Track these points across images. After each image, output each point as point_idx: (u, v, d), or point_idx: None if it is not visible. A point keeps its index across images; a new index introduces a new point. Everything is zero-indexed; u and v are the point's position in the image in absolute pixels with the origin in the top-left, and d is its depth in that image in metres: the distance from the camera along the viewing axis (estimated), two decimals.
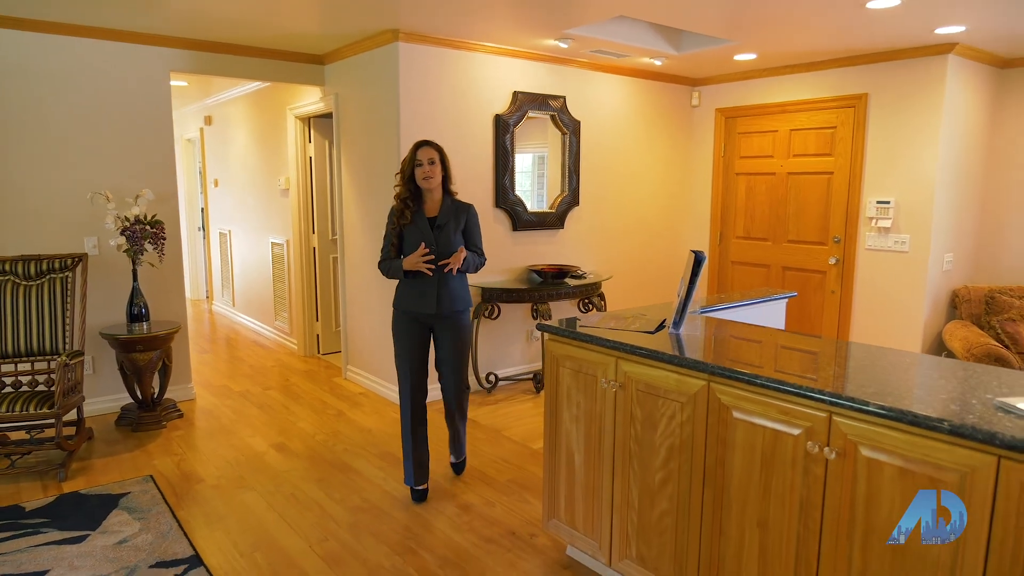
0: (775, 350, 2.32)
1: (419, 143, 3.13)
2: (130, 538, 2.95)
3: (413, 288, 3.15)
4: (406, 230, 3.14)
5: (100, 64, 4.29)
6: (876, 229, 5.05)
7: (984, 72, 4.90)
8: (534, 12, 3.92)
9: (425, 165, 3.08)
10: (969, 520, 1.56)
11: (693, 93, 6.14)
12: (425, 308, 3.15)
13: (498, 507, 3.26)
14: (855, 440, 1.75)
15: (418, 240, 3.10)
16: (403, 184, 3.14)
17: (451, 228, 3.16)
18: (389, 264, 3.19)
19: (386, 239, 3.22)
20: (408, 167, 3.11)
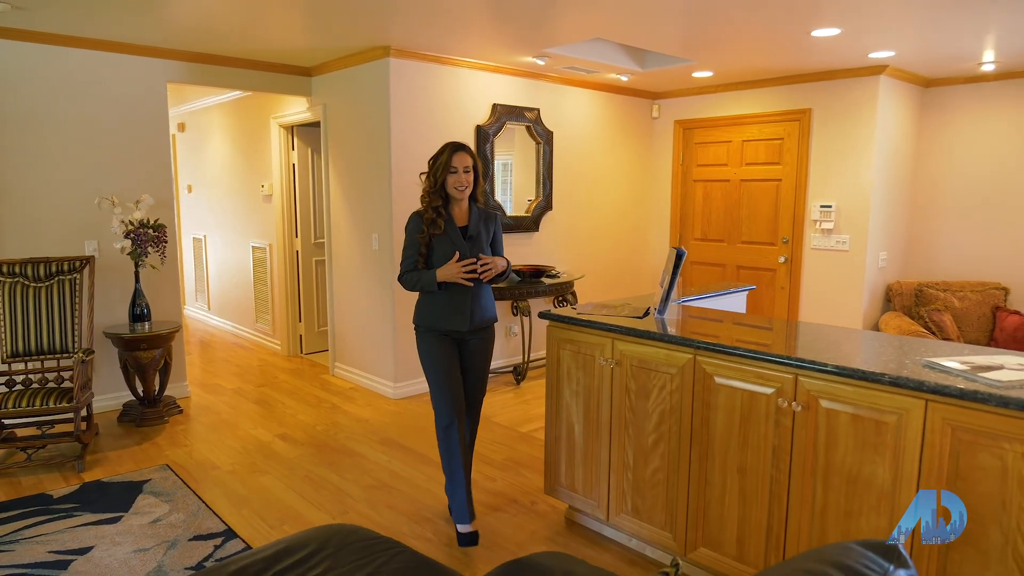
0: (745, 329, 2.75)
1: (454, 146, 2.85)
2: (163, 517, 3.19)
3: (445, 303, 2.88)
4: (436, 240, 2.86)
5: (100, 74, 4.48)
6: (820, 231, 5.60)
7: (911, 91, 5.52)
8: (517, 32, 4.30)
9: (460, 173, 2.83)
10: (905, 450, 2.00)
11: (654, 106, 6.63)
12: (459, 324, 2.90)
13: (498, 481, 3.61)
14: (816, 395, 2.18)
15: (449, 251, 2.85)
16: (432, 191, 2.87)
17: (483, 239, 2.95)
18: (418, 276, 2.88)
19: (410, 249, 2.91)
20: (441, 172, 2.84)
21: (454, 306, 2.89)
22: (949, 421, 1.92)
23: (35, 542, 2.94)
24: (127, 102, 4.61)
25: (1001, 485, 1.86)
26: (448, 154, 2.83)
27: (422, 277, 2.87)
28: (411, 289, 2.93)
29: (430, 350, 2.92)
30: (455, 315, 2.89)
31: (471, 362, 3.00)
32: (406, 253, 2.94)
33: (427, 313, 2.93)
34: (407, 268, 2.93)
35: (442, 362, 2.90)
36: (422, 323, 2.94)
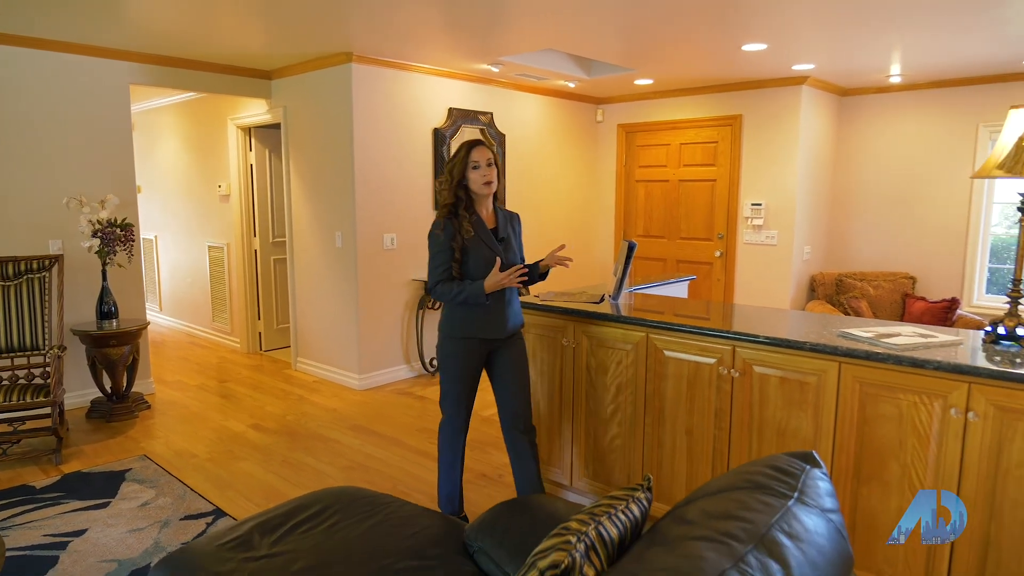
0: (689, 310, 3.12)
1: (471, 143, 2.71)
2: (150, 501, 3.35)
3: (483, 311, 2.74)
4: (470, 244, 2.69)
5: (63, 76, 4.54)
6: (751, 227, 6.10)
7: (829, 99, 6.08)
8: (474, 41, 4.59)
9: (483, 167, 2.68)
10: (823, 404, 2.40)
11: (598, 110, 7.03)
12: (497, 332, 2.78)
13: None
14: (751, 362, 2.57)
15: (485, 255, 2.70)
16: (452, 191, 2.71)
17: (513, 240, 2.85)
18: (460, 288, 2.67)
19: (441, 256, 2.70)
20: (460, 170, 2.69)
21: (491, 313, 2.75)
22: (858, 378, 2.33)
23: (28, 528, 3.07)
24: (90, 104, 4.68)
25: (898, 428, 2.27)
26: (466, 150, 2.69)
27: (466, 289, 2.66)
28: (450, 301, 2.73)
29: (462, 359, 2.79)
30: (492, 322, 2.76)
31: (511, 368, 2.86)
32: (436, 262, 2.71)
33: (464, 323, 2.75)
34: (440, 278, 2.71)
35: (471, 373, 2.82)
36: (459, 333, 2.77)
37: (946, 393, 2.16)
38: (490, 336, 2.79)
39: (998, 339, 2.40)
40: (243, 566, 1.83)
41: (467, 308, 2.74)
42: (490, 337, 2.79)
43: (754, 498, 1.22)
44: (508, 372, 2.86)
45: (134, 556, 2.83)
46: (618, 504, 1.35)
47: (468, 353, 2.79)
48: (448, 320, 2.81)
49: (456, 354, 2.80)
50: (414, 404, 4.92)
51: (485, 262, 2.70)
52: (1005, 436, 2.08)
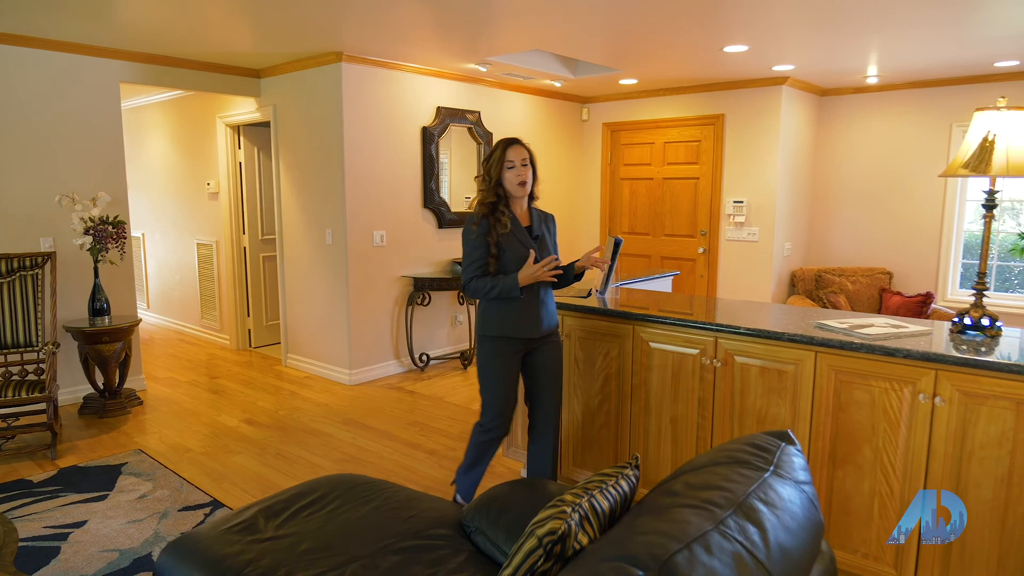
0: (673, 304, 3.24)
1: (507, 141, 2.72)
2: (148, 494, 3.41)
3: (518, 310, 2.71)
4: (505, 240, 2.68)
5: (54, 74, 4.57)
6: (733, 224, 6.24)
7: (809, 99, 6.23)
8: (462, 41, 4.67)
9: (518, 166, 2.69)
10: (800, 391, 2.52)
11: (584, 109, 7.14)
12: (532, 331, 2.76)
13: (458, 450, 4.00)
14: (732, 352, 2.68)
15: (521, 252, 2.69)
16: (492, 190, 2.71)
17: (547, 239, 2.84)
18: (493, 281, 2.66)
19: (476, 253, 2.69)
20: (496, 169, 2.70)
21: (526, 312, 2.73)
22: (833, 367, 2.45)
23: (28, 520, 3.12)
24: (81, 102, 4.71)
25: (871, 413, 2.40)
26: (502, 149, 2.69)
27: (499, 282, 2.65)
28: (483, 297, 2.71)
29: (500, 359, 2.75)
30: (527, 322, 2.73)
31: (545, 369, 2.83)
32: (471, 258, 2.72)
33: (499, 321, 2.73)
34: (475, 274, 2.70)
35: (510, 373, 2.77)
36: (494, 332, 2.74)
37: (915, 380, 2.29)
38: (525, 335, 2.74)
39: (964, 329, 2.53)
40: (250, 547, 1.91)
41: (501, 305, 2.71)
42: (525, 336, 2.74)
43: (734, 471, 1.33)
44: (544, 374, 2.83)
45: (135, 546, 2.89)
46: (608, 480, 1.46)
47: (506, 353, 2.74)
48: (483, 319, 2.78)
49: (493, 354, 2.75)
50: (404, 399, 5.00)
51: (520, 259, 2.67)
52: (969, 420, 2.21)
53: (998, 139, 2.39)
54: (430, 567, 1.80)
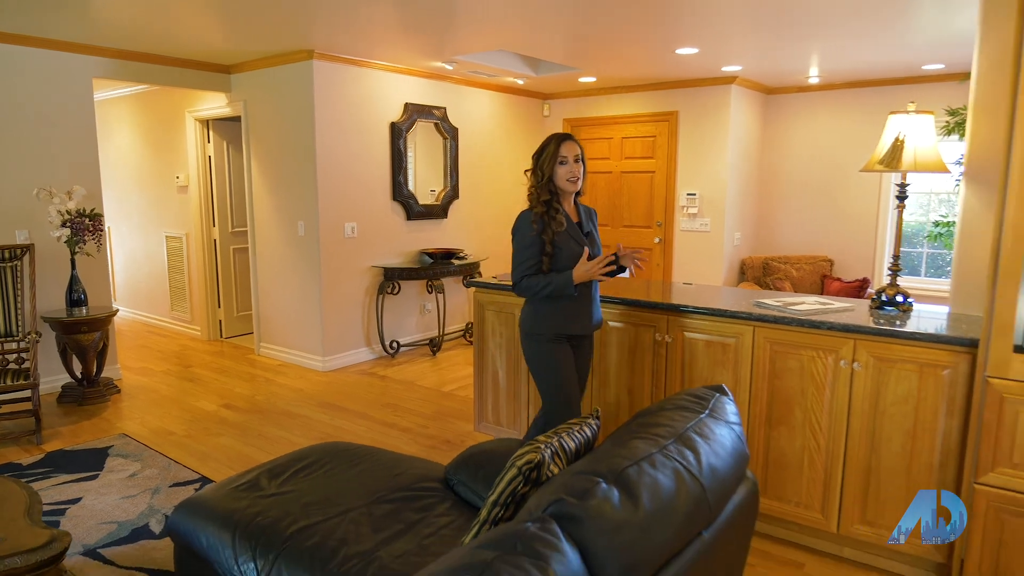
0: (630, 289, 3.54)
1: (560, 137, 2.68)
2: (137, 473, 3.58)
3: (570, 307, 2.69)
4: (559, 239, 2.65)
5: (28, 70, 4.65)
6: (687, 215, 6.60)
7: (756, 97, 6.62)
8: (429, 41, 4.90)
9: (571, 163, 2.65)
10: (740, 361, 2.85)
11: (545, 105, 7.42)
12: (583, 328, 2.76)
13: (431, 428, 4.25)
14: (683, 329, 3.00)
15: (575, 250, 2.66)
16: (543, 186, 2.68)
17: (595, 234, 2.85)
18: (547, 280, 2.62)
19: (529, 251, 2.66)
20: (549, 165, 2.66)
21: (578, 309, 2.72)
22: (768, 339, 2.78)
23: None
24: (54, 97, 4.79)
25: (800, 379, 2.74)
26: (556, 144, 2.66)
27: (553, 281, 2.61)
28: (536, 295, 2.68)
29: (554, 357, 2.70)
30: (579, 318, 2.73)
31: (581, 365, 2.84)
32: (523, 256, 2.68)
33: (550, 319, 2.69)
34: (526, 272, 2.66)
35: (568, 369, 2.72)
36: (544, 330, 2.70)
37: (837, 348, 2.64)
38: (577, 332, 2.74)
39: (882, 305, 2.90)
40: (257, 502, 2.14)
41: (553, 303, 2.67)
42: (577, 333, 2.74)
43: (677, 413, 1.63)
44: (580, 368, 2.82)
45: (132, 518, 3.08)
46: (574, 427, 1.74)
47: (558, 350, 2.70)
48: (533, 318, 2.72)
49: (544, 351, 2.71)
50: (377, 383, 5.23)
51: (574, 257, 2.64)
52: (881, 381, 2.57)
53: (907, 139, 2.74)
54: (419, 512, 2.06)
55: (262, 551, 1.93)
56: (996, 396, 2.21)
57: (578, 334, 2.77)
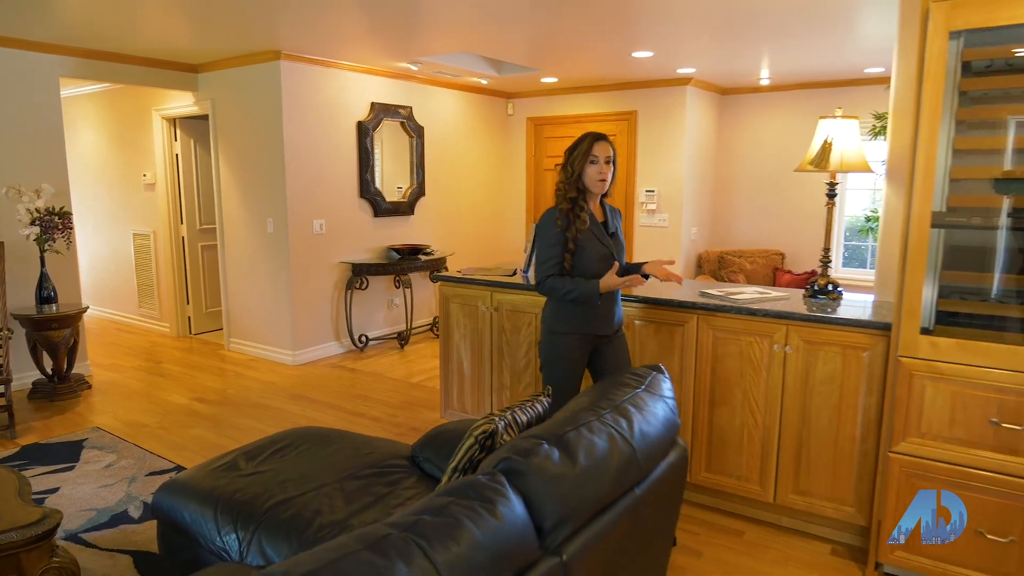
0: None
1: (595, 136, 2.67)
2: (113, 463, 3.69)
3: (594, 308, 2.71)
4: (583, 237, 2.65)
5: None
6: (646, 211, 6.86)
7: (711, 98, 6.90)
8: (394, 43, 5.05)
9: (601, 163, 2.65)
10: (686, 346, 3.09)
11: (509, 104, 7.61)
12: (604, 328, 2.76)
13: (399, 416, 4.43)
14: (634, 317, 3.23)
15: (599, 251, 2.69)
16: (571, 183, 2.68)
17: (621, 236, 2.85)
18: (573, 285, 2.63)
19: (553, 249, 2.66)
20: (580, 163, 2.66)
21: (601, 311, 2.73)
22: (711, 326, 3.02)
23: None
24: (21, 96, 4.84)
25: (740, 362, 2.98)
26: (589, 142, 2.65)
27: (579, 288, 2.62)
28: (561, 298, 2.69)
29: (570, 356, 2.73)
30: (602, 319, 2.75)
31: (615, 364, 2.83)
32: (547, 254, 2.67)
33: (572, 318, 2.72)
34: (551, 272, 2.67)
35: (578, 369, 2.76)
36: (566, 328, 2.72)
37: (772, 333, 2.89)
38: (599, 332, 2.75)
39: (815, 294, 3.16)
40: (235, 481, 2.31)
41: (576, 306, 2.70)
42: (599, 333, 2.76)
43: (617, 388, 1.84)
44: (613, 367, 2.83)
45: (110, 505, 3.21)
46: (526, 403, 1.94)
47: (576, 349, 2.73)
48: (555, 314, 2.75)
49: (561, 349, 2.73)
50: (346, 375, 5.38)
51: (597, 257, 2.67)
52: (810, 363, 2.82)
53: (835, 142, 3.00)
54: (388, 486, 2.24)
55: (243, 524, 2.09)
56: (906, 373, 2.47)
57: (601, 333, 2.77)
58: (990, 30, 2.23)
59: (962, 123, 2.39)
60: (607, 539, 1.45)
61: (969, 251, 2.51)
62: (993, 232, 2.42)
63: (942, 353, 2.40)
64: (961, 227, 2.44)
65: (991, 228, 2.42)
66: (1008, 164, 2.39)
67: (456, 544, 1.13)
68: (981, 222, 2.41)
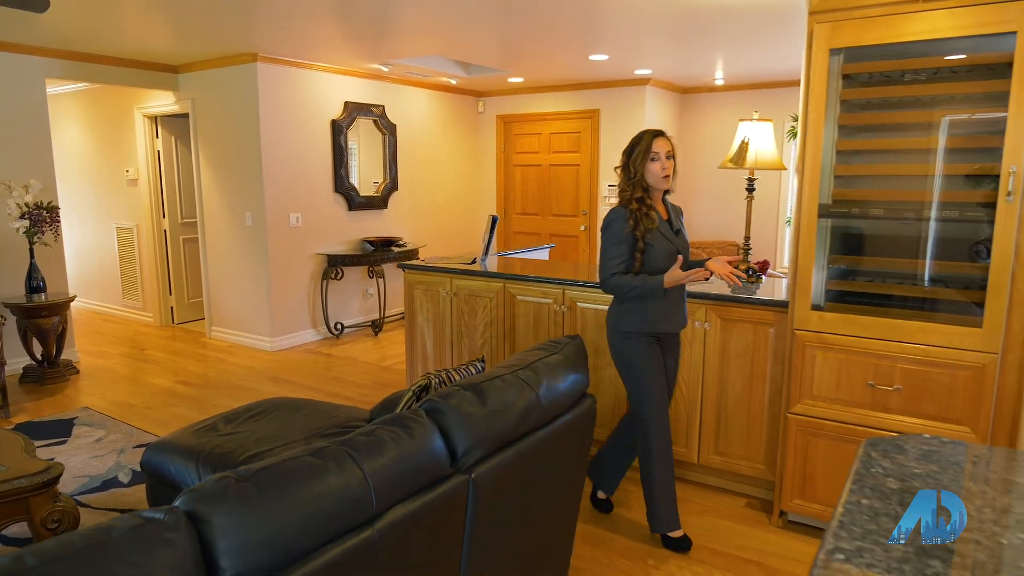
0: (535, 268, 4.12)
1: (654, 132, 2.65)
2: (103, 438, 4.01)
3: (663, 306, 2.69)
4: (651, 237, 2.63)
5: None
6: (609, 204, 7.23)
7: (671, 96, 7.28)
8: (366, 47, 5.37)
9: (663, 159, 2.62)
10: None
11: (479, 103, 7.95)
12: (671, 326, 2.76)
13: (370, 396, 4.77)
14: (575, 300, 3.59)
15: (667, 248, 2.67)
16: (635, 183, 2.66)
17: (684, 232, 2.82)
18: (640, 281, 2.60)
19: (620, 248, 2.64)
20: (641, 161, 2.64)
21: (670, 308, 2.72)
22: None
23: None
24: (10, 96, 5.10)
25: None
26: (648, 140, 2.63)
27: (644, 283, 2.59)
28: (626, 295, 2.67)
29: (647, 357, 2.71)
30: (669, 317, 2.73)
31: (671, 364, 2.86)
32: (612, 253, 2.65)
33: (639, 317, 2.69)
34: (617, 270, 2.64)
35: (655, 365, 2.73)
36: (633, 328, 2.70)
37: (692, 313, 3.26)
38: (666, 330, 2.75)
39: None
40: (214, 439, 2.64)
41: (645, 303, 2.67)
42: (667, 331, 2.76)
43: (535, 353, 2.20)
44: (671, 370, 2.86)
45: (102, 472, 3.53)
46: (462, 367, 2.30)
47: (650, 350, 2.72)
48: (627, 316, 2.72)
49: (637, 351, 2.71)
50: (322, 360, 5.71)
51: (665, 254, 2.65)
52: (726, 338, 3.20)
53: (751, 142, 3.38)
54: None
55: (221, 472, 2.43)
56: (800, 344, 2.85)
57: (667, 332, 2.76)
58: (864, 48, 2.61)
59: (844, 127, 2.77)
60: (512, 467, 1.81)
61: (851, 238, 2.90)
62: (870, 222, 2.81)
63: (829, 326, 2.78)
64: (843, 217, 2.82)
65: (868, 218, 2.81)
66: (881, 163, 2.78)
67: (381, 456, 1.48)
68: (859, 213, 2.80)
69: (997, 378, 2.50)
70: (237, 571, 1.20)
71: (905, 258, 2.83)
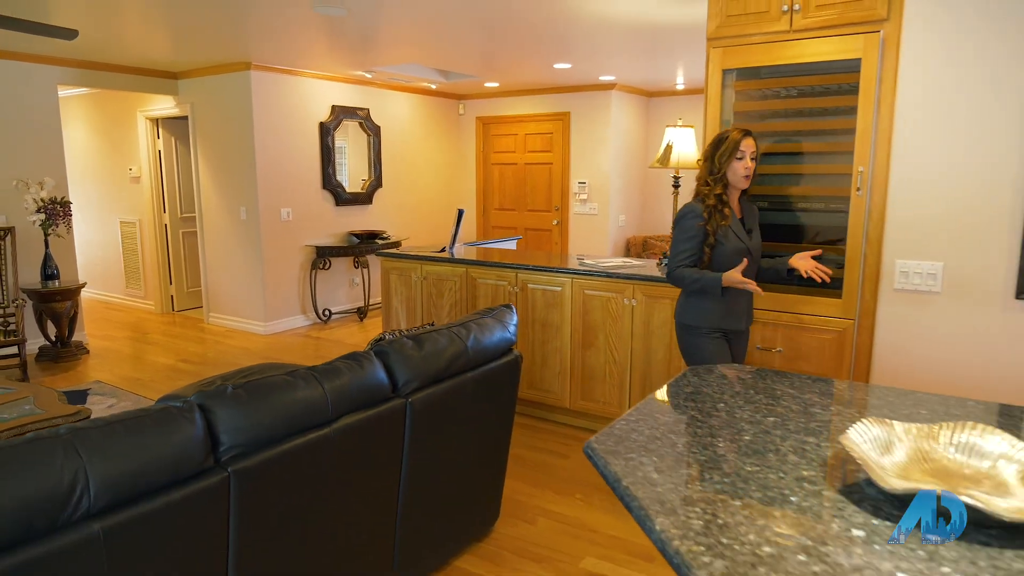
0: (495, 256, 4.67)
1: (743, 131, 2.65)
2: (115, 404, 4.55)
3: (729, 302, 2.72)
4: (722, 233, 2.66)
5: (3, 79, 5.48)
6: (579, 201, 7.78)
7: (637, 100, 7.83)
8: (351, 56, 5.91)
9: (747, 158, 2.64)
10: (564, 304, 4.01)
11: (460, 105, 8.49)
12: (737, 323, 2.79)
13: None
14: (527, 282, 4.14)
15: (736, 246, 2.69)
16: (717, 179, 2.68)
17: (757, 232, 2.82)
18: (699, 275, 2.65)
19: (691, 242, 2.68)
20: (727, 159, 2.65)
21: (736, 305, 2.75)
22: (582, 287, 3.95)
23: None
24: (25, 101, 5.63)
25: (603, 314, 3.91)
26: (737, 139, 2.64)
27: (703, 279, 2.64)
28: (685, 287, 2.74)
29: (711, 348, 2.74)
30: (735, 313, 2.76)
31: (739, 357, 2.88)
32: (682, 246, 2.70)
33: (708, 312, 2.73)
34: (682, 263, 2.70)
35: (724, 357, 2.77)
36: (700, 322, 2.74)
37: (623, 291, 3.82)
38: (732, 327, 2.78)
39: (662, 262, 4.09)
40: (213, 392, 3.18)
41: (712, 300, 2.70)
42: (733, 328, 2.78)
43: (471, 317, 2.75)
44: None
45: None
46: (415, 328, 2.85)
47: (716, 346, 2.75)
48: (695, 310, 2.77)
49: (702, 346, 2.75)
50: (311, 342, 6.26)
51: (733, 252, 2.67)
52: (650, 312, 3.76)
53: (675, 145, 3.93)
54: None
55: None
56: None
57: (734, 329, 2.79)
58: (750, 68, 3.16)
59: None
60: (442, 398, 2.36)
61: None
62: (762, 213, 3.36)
63: None
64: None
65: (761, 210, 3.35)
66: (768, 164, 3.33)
67: (337, 379, 2.03)
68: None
69: (855, 338, 3.06)
70: (232, 444, 1.76)
71: (787, 243, 3.38)
